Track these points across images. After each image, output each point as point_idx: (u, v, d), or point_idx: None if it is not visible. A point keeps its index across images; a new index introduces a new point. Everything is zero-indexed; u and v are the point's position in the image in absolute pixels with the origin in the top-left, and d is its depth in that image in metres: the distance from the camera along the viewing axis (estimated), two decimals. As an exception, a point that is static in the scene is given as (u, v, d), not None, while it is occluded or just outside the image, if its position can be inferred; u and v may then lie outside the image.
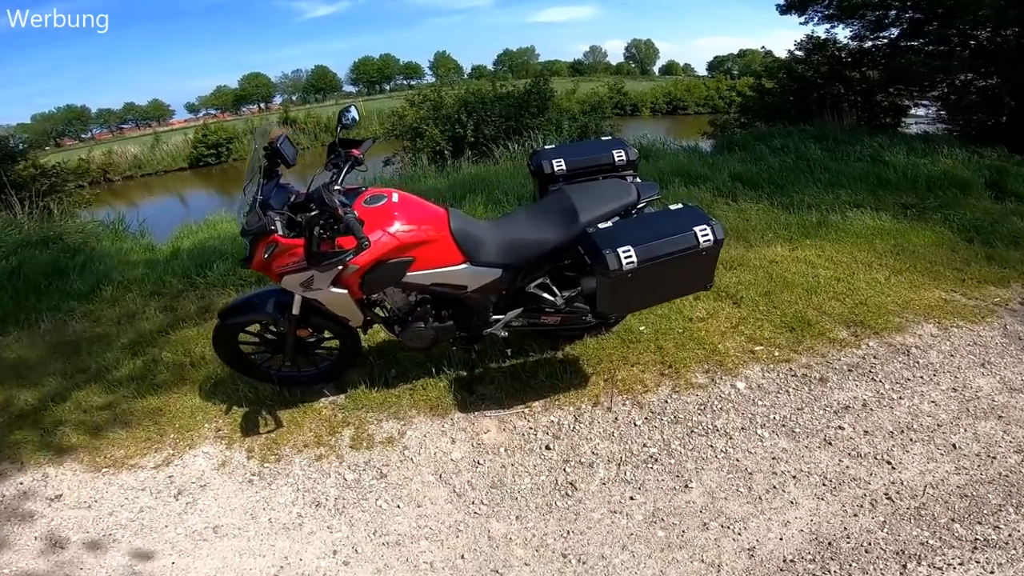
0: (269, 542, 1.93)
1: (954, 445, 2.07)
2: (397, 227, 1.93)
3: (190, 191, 23.46)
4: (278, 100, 55.60)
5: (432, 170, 7.08)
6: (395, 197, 2.00)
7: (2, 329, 3.36)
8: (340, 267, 1.88)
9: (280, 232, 1.85)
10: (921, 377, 2.40)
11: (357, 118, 2.14)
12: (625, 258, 1.77)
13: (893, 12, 7.71)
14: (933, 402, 2.27)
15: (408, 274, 2.00)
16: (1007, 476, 1.94)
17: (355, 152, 2.08)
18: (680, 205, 2.02)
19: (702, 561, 1.74)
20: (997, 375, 2.39)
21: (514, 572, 1.76)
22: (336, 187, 1.93)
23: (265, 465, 2.21)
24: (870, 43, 8.24)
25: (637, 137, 7.83)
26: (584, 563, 1.77)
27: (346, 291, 1.99)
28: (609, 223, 1.96)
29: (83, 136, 44.48)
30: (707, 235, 1.85)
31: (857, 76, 8.23)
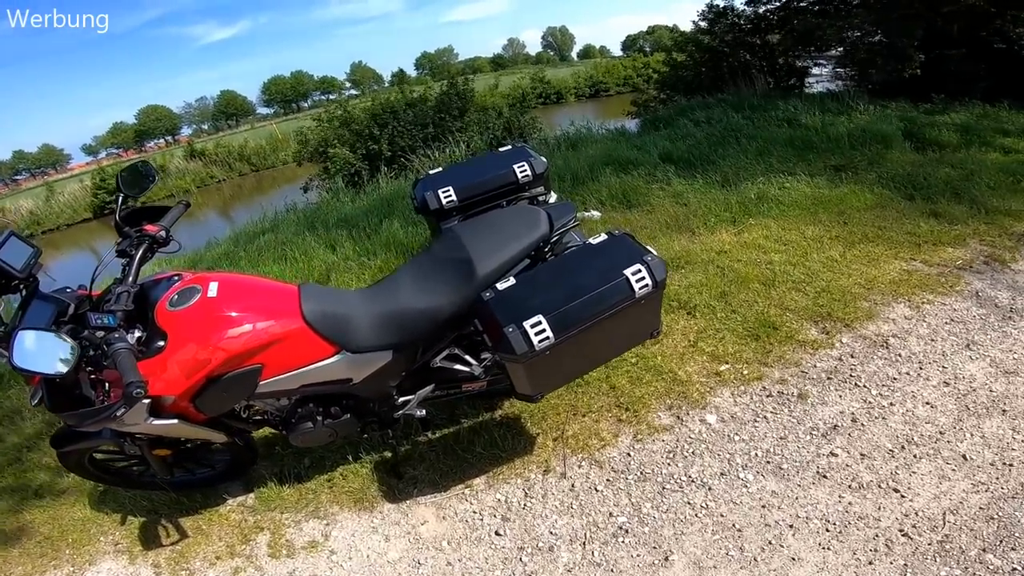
0: None
1: (964, 456, 1.78)
2: (220, 334, 1.39)
3: (102, 242, 21.53)
4: (186, 131, 52.60)
5: (351, 193, 6.53)
6: (213, 289, 1.43)
7: None
8: (115, 418, 1.30)
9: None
10: (908, 374, 2.11)
11: (152, 179, 1.60)
12: (537, 335, 1.32)
13: None
14: (928, 403, 1.98)
15: (262, 383, 1.48)
16: (1032, 485, 1.67)
17: (151, 229, 1.52)
18: (604, 236, 1.55)
19: None
20: (986, 356, 2.14)
21: None
22: (123, 288, 1.38)
23: None
24: (764, 7, 8.39)
25: (565, 125, 7.59)
26: None
27: (176, 420, 1.46)
28: (512, 279, 1.49)
29: None
30: (643, 279, 1.41)
31: (759, 42, 8.35)
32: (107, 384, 1.32)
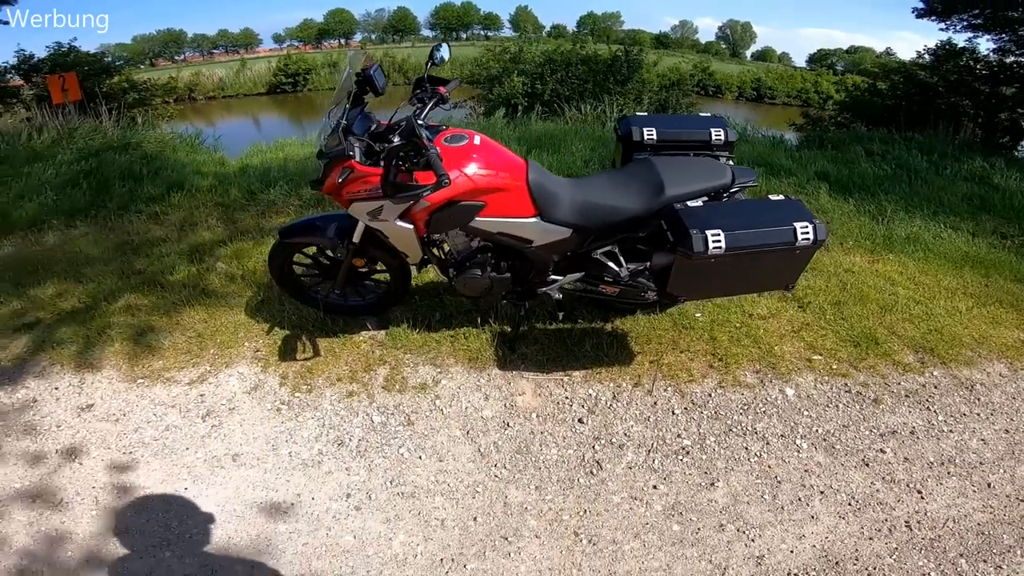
0: (285, 477, 1.92)
1: (989, 484, 1.99)
2: (474, 170, 1.88)
3: (264, 115, 24.59)
4: (358, 37, 56.16)
5: (503, 121, 6.99)
6: (477, 140, 1.95)
7: (71, 223, 3.55)
8: (411, 202, 1.87)
9: (358, 158, 1.84)
10: (978, 414, 2.25)
11: (447, 57, 2.11)
12: (713, 242, 1.66)
13: None
14: (982, 440, 2.15)
15: (477, 219, 1.96)
16: (1029, 520, 1.87)
17: (441, 90, 2.06)
18: (781, 196, 1.87)
19: (710, 562, 1.72)
20: (1054, 424, 2.22)
21: (524, 542, 1.75)
22: (419, 122, 1.91)
23: (296, 395, 2.20)
24: (1013, 58, 7.49)
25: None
26: (595, 544, 1.75)
27: (411, 227, 1.98)
28: (699, 202, 1.85)
29: (176, 58, 46.90)
30: (807, 233, 1.71)
31: (986, 90, 7.50)
32: (412, 179, 1.82)
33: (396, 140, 1.82)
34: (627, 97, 7.94)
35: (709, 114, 2.38)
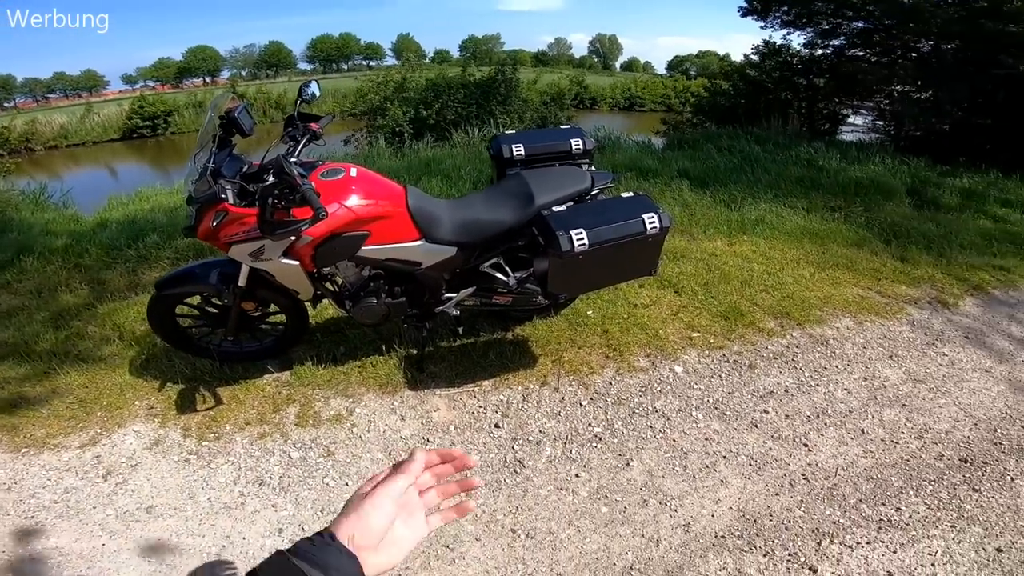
0: (209, 522, 1.85)
1: (862, 430, 2.25)
2: (354, 201, 1.90)
3: (121, 163, 22.30)
4: (226, 74, 53.15)
5: (389, 151, 6.99)
6: (353, 172, 1.97)
7: (-92, 301, 3.03)
8: (293, 238, 1.84)
9: (231, 201, 1.79)
10: (836, 366, 2.61)
11: (318, 93, 2.11)
12: (577, 240, 1.82)
13: (845, 21, 8.15)
14: (846, 390, 2.48)
15: (363, 248, 1.98)
16: (908, 460, 2.11)
17: (313, 126, 2.05)
18: (631, 193, 2.08)
19: (643, 536, 1.80)
20: (903, 367, 2.64)
21: (465, 547, 1.77)
22: (292, 159, 1.89)
23: (203, 444, 2.12)
24: (820, 51, 8.71)
25: (593, 131, 8.01)
26: (532, 538, 1.80)
27: (297, 263, 1.95)
28: (563, 207, 2.01)
29: (4, 104, 41.20)
30: (654, 223, 1.93)
31: (804, 83, 8.69)
32: (289, 215, 1.78)
33: (270, 179, 1.78)
34: (511, 116, 8.28)
35: (569, 126, 2.57)
